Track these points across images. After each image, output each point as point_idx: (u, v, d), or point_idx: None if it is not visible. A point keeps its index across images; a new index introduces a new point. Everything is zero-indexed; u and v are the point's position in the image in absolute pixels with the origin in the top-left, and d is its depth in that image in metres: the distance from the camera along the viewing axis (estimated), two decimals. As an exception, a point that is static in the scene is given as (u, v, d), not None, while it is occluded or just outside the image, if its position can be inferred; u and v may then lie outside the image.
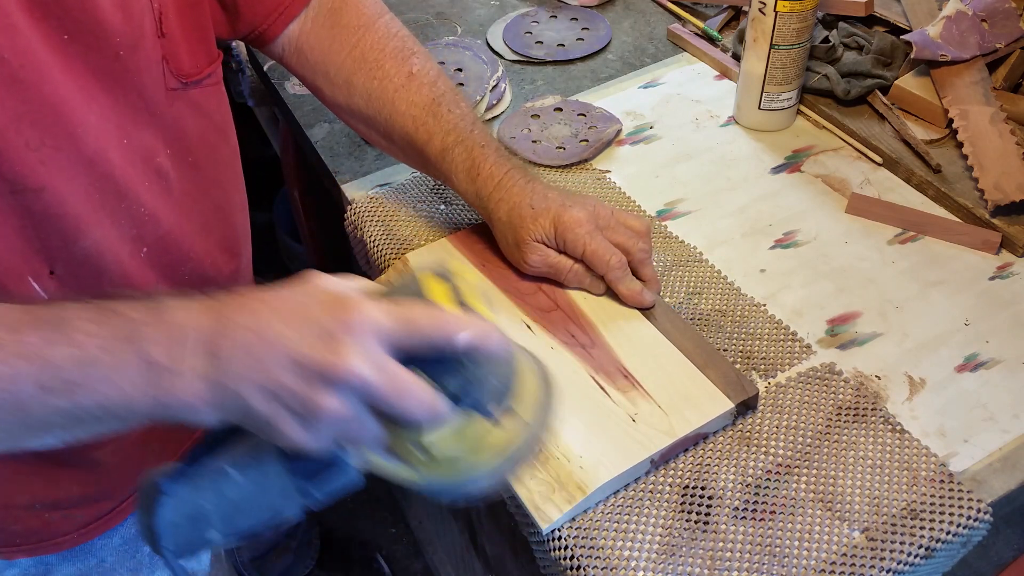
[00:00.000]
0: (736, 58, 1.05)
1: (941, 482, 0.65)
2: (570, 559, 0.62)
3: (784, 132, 0.99)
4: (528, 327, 0.75)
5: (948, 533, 0.62)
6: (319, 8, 0.80)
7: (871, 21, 1.05)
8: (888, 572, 0.61)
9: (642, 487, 0.66)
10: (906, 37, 0.98)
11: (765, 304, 0.79)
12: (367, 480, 0.53)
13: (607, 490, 0.65)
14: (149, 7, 0.64)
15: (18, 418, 0.48)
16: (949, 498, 0.64)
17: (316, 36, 0.80)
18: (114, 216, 0.65)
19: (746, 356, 0.75)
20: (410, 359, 0.48)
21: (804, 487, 0.65)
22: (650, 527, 0.63)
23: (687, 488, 0.66)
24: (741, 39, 1.01)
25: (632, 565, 0.61)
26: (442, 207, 0.90)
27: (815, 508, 0.64)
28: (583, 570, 0.62)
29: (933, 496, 0.64)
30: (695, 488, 0.66)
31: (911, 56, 0.96)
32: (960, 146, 0.90)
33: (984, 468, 0.67)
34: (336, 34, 0.80)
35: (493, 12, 1.21)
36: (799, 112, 1.00)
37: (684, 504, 0.65)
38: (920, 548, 0.61)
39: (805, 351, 0.75)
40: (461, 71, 1.05)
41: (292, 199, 1.41)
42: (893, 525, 0.63)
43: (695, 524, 0.64)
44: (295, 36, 0.80)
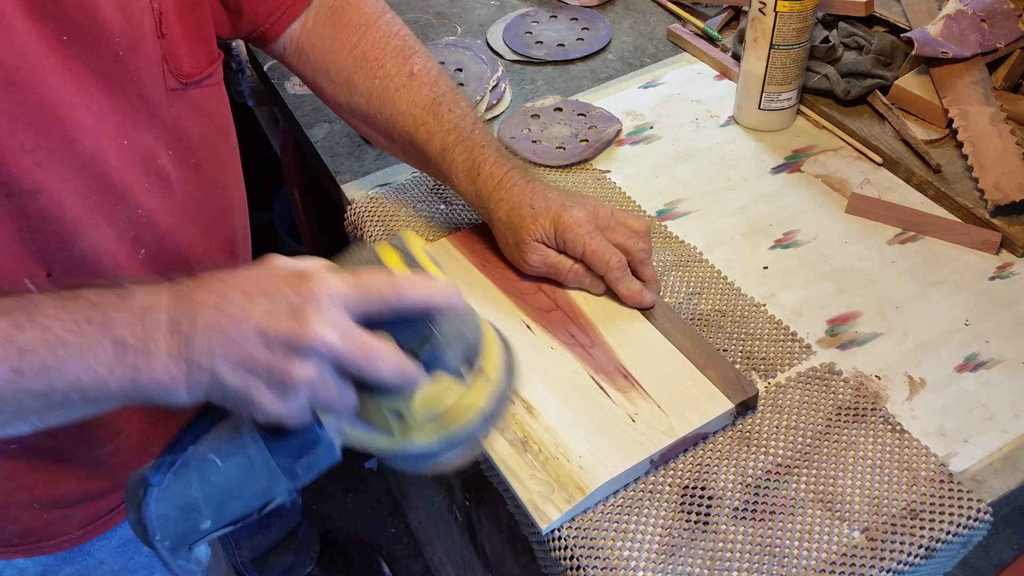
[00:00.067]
0: (736, 58, 1.05)
1: (941, 482, 0.65)
2: (570, 559, 0.62)
3: (784, 132, 0.99)
4: (528, 327, 0.75)
5: (948, 533, 0.62)
6: (320, 7, 0.80)
7: (871, 21, 1.05)
8: (888, 572, 0.61)
9: (642, 487, 0.66)
10: (907, 35, 0.98)
11: (765, 304, 0.79)
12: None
13: (607, 490, 0.65)
14: (149, 7, 0.64)
15: None
16: (949, 498, 0.64)
17: (317, 35, 0.80)
18: (111, 218, 0.65)
19: (746, 356, 0.75)
20: (374, 325, 0.49)
21: (804, 487, 0.65)
22: (650, 527, 0.63)
23: (687, 488, 0.66)
24: (741, 39, 1.01)
25: (632, 565, 0.61)
26: (442, 207, 0.90)
27: (815, 508, 0.64)
28: (583, 570, 0.62)
29: (933, 496, 0.64)
30: (695, 488, 0.66)
31: (912, 53, 0.96)
32: (960, 146, 0.90)
33: (984, 468, 0.67)
34: (337, 33, 0.80)
35: (493, 12, 1.21)
36: (799, 112, 1.00)
37: (684, 504, 0.65)
38: (920, 548, 0.61)
39: (805, 351, 0.75)
40: (461, 71, 1.05)
41: (292, 199, 1.41)
42: (893, 525, 0.63)
43: (695, 524, 0.64)
44: (296, 35, 0.80)
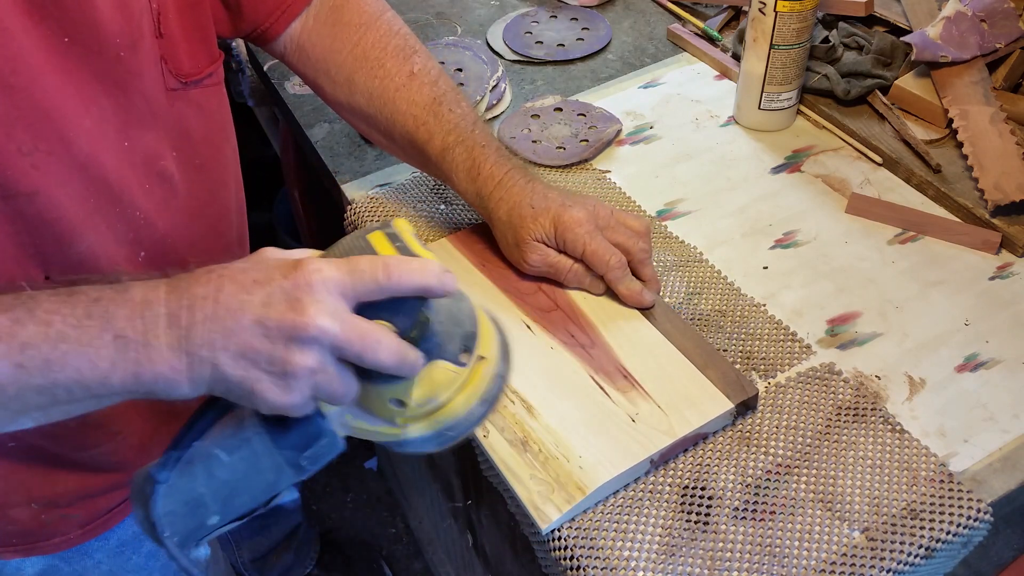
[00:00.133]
0: (736, 58, 1.05)
1: (941, 482, 0.65)
2: (570, 559, 0.62)
3: (784, 132, 0.99)
4: (528, 327, 0.75)
5: (948, 533, 0.62)
6: (321, 6, 0.80)
7: (871, 21, 1.05)
8: (888, 572, 0.61)
9: (642, 487, 0.66)
10: (906, 39, 0.98)
11: (765, 304, 0.79)
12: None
13: (607, 490, 0.65)
14: (148, 7, 0.64)
15: None
16: (949, 498, 0.64)
17: (318, 34, 0.80)
18: (110, 220, 0.65)
19: (746, 356, 0.75)
20: (369, 312, 0.49)
21: (804, 487, 0.65)
22: (650, 527, 0.63)
23: (687, 488, 0.66)
24: (741, 39, 1.01)
25: (632, 565, 0.61)
26: (442, 207, 0.90)
27: (815, 508, 0.64)
28: (583, 570, 0.62)
29: (933, 496, 0.64)
30: (695, 488, 0.66)
31: (911, 58, 0.96)
32: (960, 146, 0.90)
33: (984, 468, 0.67)
34: (338, 32, 0.80)
35: (493, 12, 1.21)
36: (799, 112, 1.00)
37: (684, 504, 0.65)
38: (920, 548, 0.61)
39: (805, 351, 0.75)
40: (461, 71, 1.05)
41: (292, 199, 1.41)
42: (893, 525, 0.63)
43: (695, 524, 0.64)
44: (297, 34, 0.80)
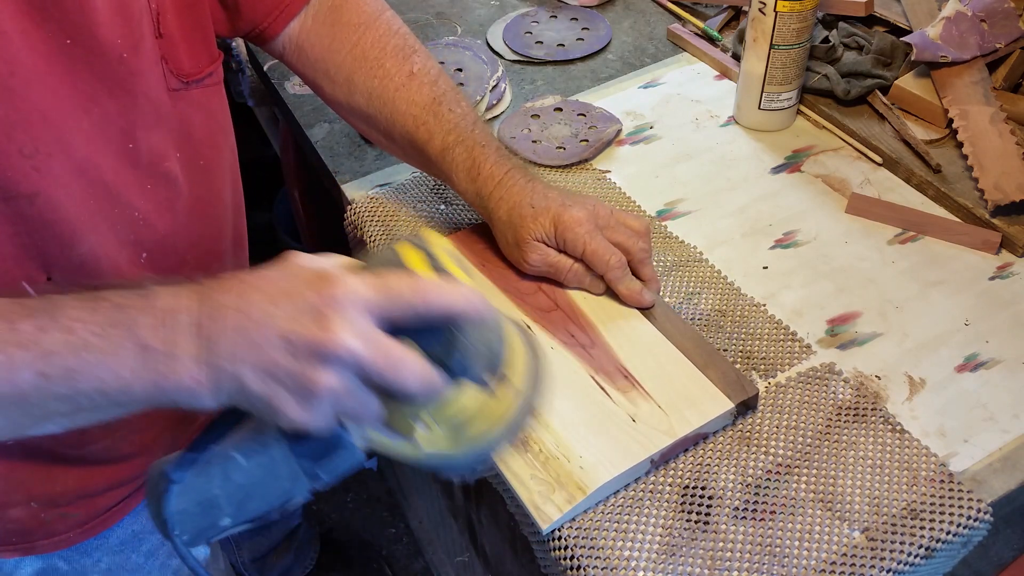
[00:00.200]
0: (736, 58, 1.05)
1: (941, 482, 0.65)
2: (570, 559, 0.62)
3: (784, 132, 0.99)
4: (528, 327, 0.75)
5: (948, 533, 0.62)
6: (320, 6, 0.80)
7: (871, 21, 1.05)
8: (888, 572, 0.60)
9: (642, 487, 0.66)
10: (906, 39, 0.98)
11: (765, 304, 0.79)
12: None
13: (607, 490, 0.65)
14: (147, 7, 0.64)
15: (19, 407, 0.48)
16: (949, 498, 0.64)
17: (317, 34, 0.80)
18: (110, 222, 0.65)
19: (746, 356, 0.75)
20: (398, 331, 0.48)
21: (804, 487, 0.65)
22: (650, 527, 0.63)
23: (687, 488, 0.66)
24: (741, 39, 1.01)
25: (632, 565, 0.61)
26: (442, 207, 0.90)
27: (815, 508, 0.64)
28: (583, 570, 0.62)
29: (933, 496, 0.64)
30: (695, 488, 0.66)
31: (911, 58, 0.96)
32: (960, 146, 0.90)
33: (984, 468, 0.67)
34: (337, 32, 0.80)
35: (493, 12, 1.21)
36: (799, 112, 1.00)
37: (684, 504, 0.65)
38: (920, 548, 0.61)
39: (805, 351, 0.75)
40: (461, 71, 1.05)
41: (292, 199, 1.41)
42: (893, 525, 0.63)
43: (695, 524, 0.64)
44: (296, 34, 0.80)
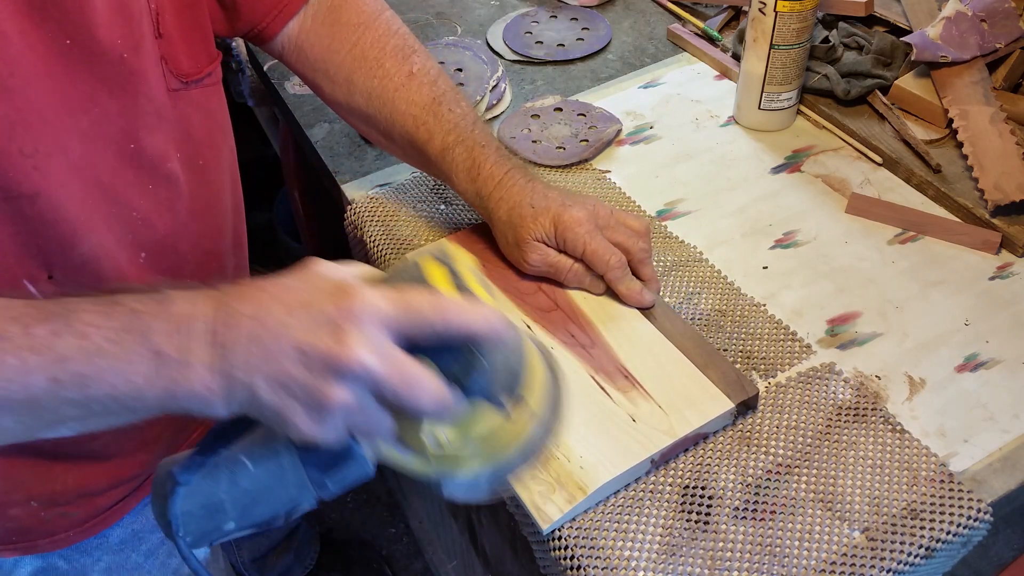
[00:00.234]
0: (736, 58, 1.05)
1: (941, 482, 0.65)
2: (570, 559, 0.62)
3: (784, 132, 0.99)
4: (528, 327, 0.75)
5: (948, 533, 0.62)
6: (319, 6, 0.80)
7: (871, 21, 1.05)
8: (888, 572, 0.60)
9: (642, 487, 0.66)
10: (906, 39, 0.98)
11: (765, 304, 0.79)
12: (370, 479, 0.53)
13: (607, 490, 0.65)
14: (146, 7, 0.64)
15: (32, 411, 0.48)
16: (949, 498, 0.64)
17: (316, 34, 0.80)
18: (108, 222, 0.65)
19: (746, 356, 0.75)
20: (416, 347, 0.47)
21: (804, 487, 0.65)
22: (650, 527, 0.63)
23: (687, 488, 0.66)
24: (741, 39, 1.01)
25: (632, 565, 0.61)
26: (442, 207, 0.90)
27: (815, 508, 0.64)
28: (583, 570, 0.62)
29: (933, 496, 0.64)
30: (695, 488, 0.66)
31: (911, 58, 0.96)
32: (960, 146, 0.90)
33: (984, 468, 0.67)
34: (336, 32, 0.80)
35: (493, 12, 1.21)
36: (799, 112, 1.00)
37: (684, 504, 0.65)
38: (920, 548, 0.61)
39: (805, 351, 0.75)
40: (461, 71, 1.05)
41: (292, 199, 1.41)
42: (893, 525, 0.63)
43: (695, 524, 0.64)
44: (295, 34, 0.80)
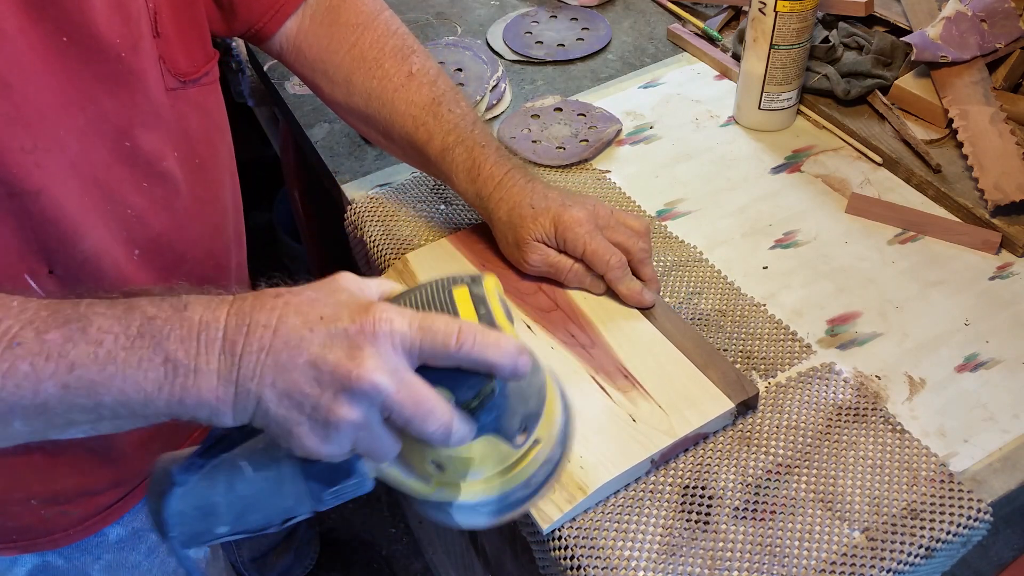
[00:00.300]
0: (736, 58, 1.05)
1: (941, 482, 0.65)
2: (570, 559, 0.62)
3: (784, 132, 0.99)
4: (528, 327, 0.75)
5: (948, 533, 0.62)
6: (318, 6, 0.80)
7: (871, 21, 1.05)
8: (888, 572, 0.60)
9: (642, 487, 0.66)
10: (906, 39, 0.98)
11: (765, 304, 0.79)
12: (368, 493, 0.53)
13: (607, 490, 0.65)
14: (145, 7, 0.64)
15: (42, 416, 0.48)
16: (949, 498, 0.64)
17: (315, 34, 0.80)
18: (104, 219, 0.65)
19: (746, 356, 0.75)
20: (431, 372, 0.47)
21: (804, 487, 0.65)
22: (650, 527, 0.63)
23: (687, 488, 0.66)
24: (741, 39, 1.01)
25: (632, 565, 0.61)
26: (442, 207, 0.90)
27: (815, 508, 0.64)
28: (583, 570, 0.62)
29: (933, 496, 0.64)
30: (695, 488, 0.66)
31: (911, 58, 0.96)
32: (960, 146, 0.90)
33: (984, 468, 0.67)
34: (335, 32, 0.80)
35: (493, 12, 1.21)
36: (799, 112, 1.00)
37: (684, 504, 0.65)
38: (920, 548, 0.61)
39: (805, 351, 0.75)
40: (461, 71, 1.05)
41: (292, 199, 1.41)
42: (893, 525, 0.63)
43: (695, 524, 0.64)
44: (293, 34, 0.80)
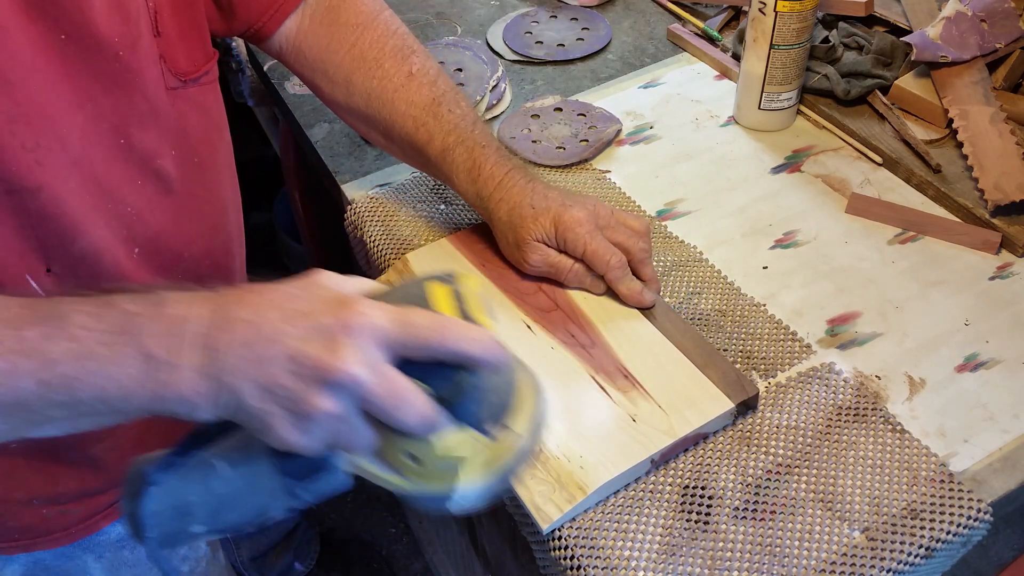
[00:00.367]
0: (736, 58, 1.05)
1: (941, 482, 0.65)
2: (570, 559, 0.62)
3: (784, 132, 0.99)
4: (528, 327, 0.75)
5: (948, 533, 0.62)
6: (317, 6, 0.80)
7: (871, 21, 1.05)
8: (888, 572, 0.61)
9: (642, 487, 0.66)
10: (906, 39, 0.98)
11: (765, 304, 0.79)
12: (361, 482, 0.53)
13: (607, 490, 0.65)
14: (145, 6, 0.64)
15: (20, 412, 0.48)
16: (949, 498, 0.64)
17: (314, 34, 0.80)
18: (105, 217, 0.65)
19: (746, 356, 0.75)
20: (408, 366, 0.47)
21: (804, 487, 0.65)
22: (650, 527, 0.63)
23: (687, 488, 0.66)
24: (741, 39, 1.01)
25: (632, 565, 0.61)
26: (442, 207, 0.90)
27: (815, 508, 0.64)
28: (583, 570, 0.62)
29: (933, 496, 0.64)
30: (695, 488, 0.66)
31: (911, 58, 0.96)
32: (960, 146, 0.90)
33: (984, 468, 0.67)
34: (335, 32, 0.80)
35: (493, 12, 1.21)
36: (799, 112, 1.00)
37: (684, 504, 0.65)
38: (920, 548, 0.61)
39: (805, 351, 0.75)
40: (461, 71, 1.05)
41: (292, 199, 1.41)
42: (893, 525, 0.63)
43: (695, 524, 0.64)
44: (293, 34, 0.80)
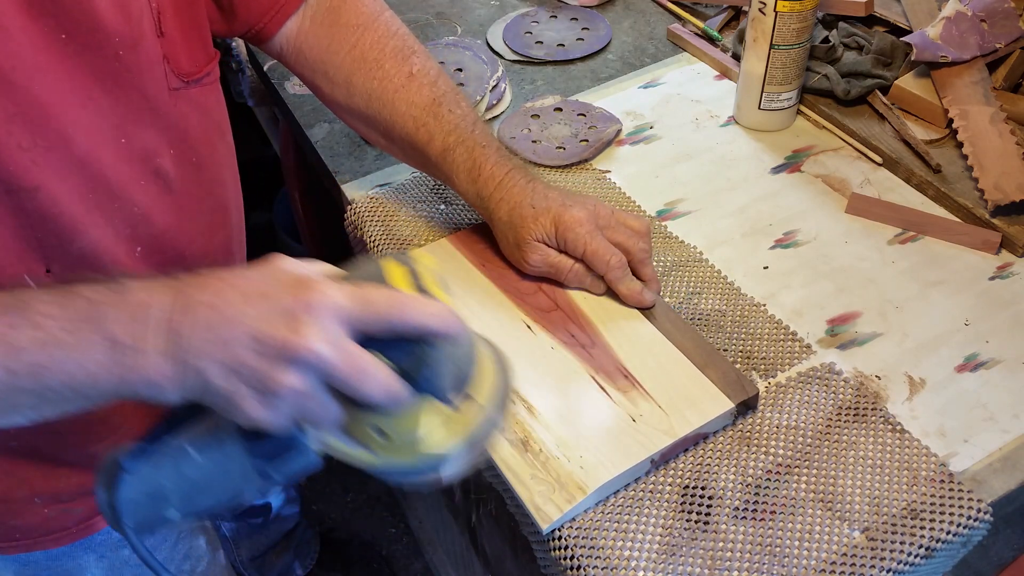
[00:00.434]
0: (736, 58, 1.05)
1: (941, 482, 0.65)
2: (570, 559, 0.62)
3: (784, 132, 0.99)
4: (528, 327, 0.75)
5: (948, 533, 0.62)
6: (318, 7, 0.80)
7: (871, 21, 1.05)
8: (888, 572, 0.61)
9: (642, 487, 0.66)
10: (906, 39, 0.98)
11: (765, 304, 0.79)
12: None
13: (607, 490, 0.65)
14: (147, 6, 0.64)
15: None
16: (949, 498, 0.64)
17: (315, 35, 0.80)
18: (108, 216, 0.65)
19: (746, 356, 0.75)
20: (369, 342, 0.49)
21: (804, 487, 0.65)
22: (650, 527, 0.63)
23: (687, 488, 0.66)
24: (741, 39, 1.01)
25: (632, 565, 0.61)
26: (442, 207, 0.90)
27: (815, 508, 0.64)
28: (583, 570, 0.62)
29: (933, 496, 0.64)
30: (695, 488, 0.66)
31: (911, 58, 0.96)
32: (960, 146, 0.90)
33: (984, 468, 0.67)
34: (335, 33, 0.80)
35: (493, 12, 1.21)
36: (799, 112, 1.00)
37: (684, 504, 0.65)
38: (920, 548, 0.61)
39: (805, 351, 0.75)
40: (461, 71, 1.05)
41: (292, 199, 1.41)
42: (893, 525, 0.63)
43: (695, 524, 0.64)
44: (293, 35, 0.80)
